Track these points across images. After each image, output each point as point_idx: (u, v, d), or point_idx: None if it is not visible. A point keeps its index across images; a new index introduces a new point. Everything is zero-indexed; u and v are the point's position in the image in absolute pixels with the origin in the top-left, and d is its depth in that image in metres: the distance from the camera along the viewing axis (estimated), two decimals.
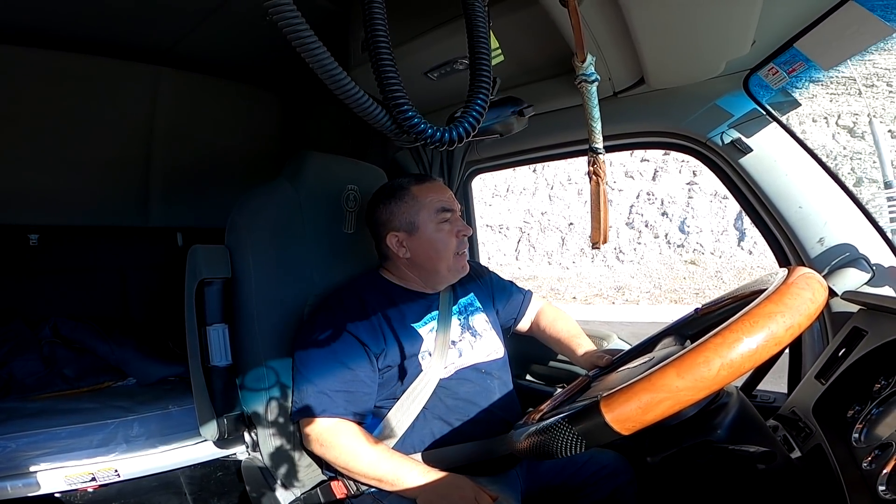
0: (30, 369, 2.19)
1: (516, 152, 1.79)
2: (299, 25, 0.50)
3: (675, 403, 0.59)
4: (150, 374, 2.19)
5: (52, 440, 1.64)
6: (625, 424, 0.62)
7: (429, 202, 1.23)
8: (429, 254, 1.23)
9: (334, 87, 0.54)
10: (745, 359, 0.58)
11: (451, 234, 1.23)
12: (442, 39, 1.16)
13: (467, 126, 0.65)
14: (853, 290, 1.16)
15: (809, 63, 1.09)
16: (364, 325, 1.16)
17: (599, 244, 1.15)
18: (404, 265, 1.27)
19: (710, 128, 1.28)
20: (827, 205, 1.21)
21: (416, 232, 1.22)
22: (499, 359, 1.31)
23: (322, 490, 1.19)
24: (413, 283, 1.28)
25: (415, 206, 1.23)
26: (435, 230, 1.22)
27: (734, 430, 0.78)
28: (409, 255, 1.24)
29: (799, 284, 0.63)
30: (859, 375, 0.95)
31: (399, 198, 1.24)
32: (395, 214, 1.23)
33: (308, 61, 0.52)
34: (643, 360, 0.97)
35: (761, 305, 0.61)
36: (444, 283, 1.29)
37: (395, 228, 1.23)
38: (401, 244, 1.23)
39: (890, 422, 0.78)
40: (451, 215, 1.24)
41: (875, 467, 0.73)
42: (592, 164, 1.09)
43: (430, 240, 1.22)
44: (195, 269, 1.25)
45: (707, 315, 1.02)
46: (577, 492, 1.24)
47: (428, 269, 1.25)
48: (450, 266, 1.24)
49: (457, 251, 1.24)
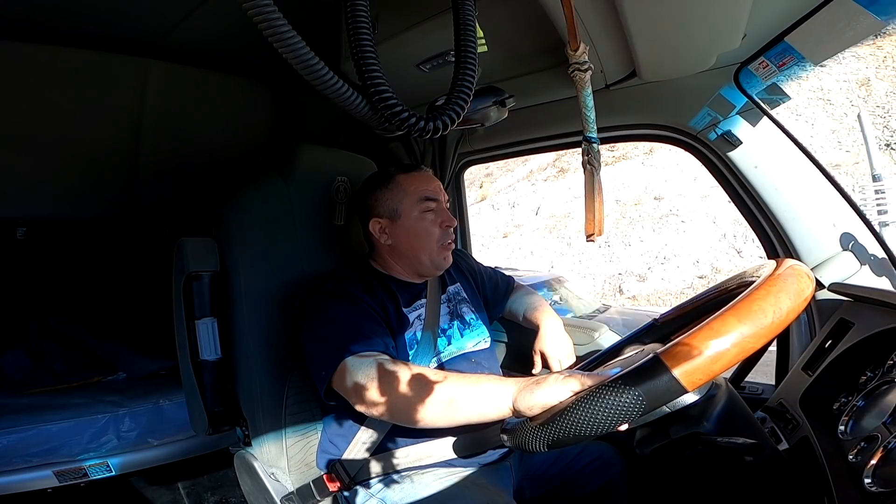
0: (18, 364, 2.18)
1: (509, 143, 1.79)
2: (271, 13, 0.49)
3: (742, 351, 0.58)
4: (140, 369, 2.18)
5: (43, 436, 1.63)
6: (692, 378, 0.58)
7: (413, 190, 1.22)
8: (410, 241, 1.21)
9: (307, 74, 0.54)
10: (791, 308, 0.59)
11: (435, 224, 1.22)
12: (433, 31, 1.15)
13: (452, 114, 0.65)
14: (840, 281, 1.17)
15: (799, 57, 1.10)
16: (367, 296, 1.14)
17: (594, 236, 1.15)
18: (387, 252, 1.25)
19: (701, 121, 1.28)
20: (815, 197, 1.22)
21: (399, 219, 1.21)
22: (486, 348, 1.31)
23: (315, 484, 1.20)
24: (397, 272, 1.26)
25: (399, 193, 1.21)
26: (417, 218, 1.21)
27: (723, 422, 0.79)
28: (391, 241, 1.22)
29: (786, 276, 0.64)
30: (846, 367, 0.97)
31: (384, 185, 1.23)
32: (380, 201, 1.22)
33: (281, 50, 0.52)
34: (613, 366, 0.95)
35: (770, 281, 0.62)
36: (427, 272, 1.27)
37: (379, 215, 1.22)
38: (383, 231, 1.22)
39: (875, 414, 0.80)
40: (435, 205, 1.23)
41: (861, 460, 0.74)
42: (587, 154, 1.09)
43: (412, 228, 1.21)
44: (183, 262, 1.24)
45: (667, 323, 1.00)
46: (570, 483, 1.25)
47: (409, 258, 1.24)
48: (432, 256, 1.22)
49: (440, 242, 1.22)
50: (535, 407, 0.76)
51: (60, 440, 1.64)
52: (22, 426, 1.63)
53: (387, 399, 0.94)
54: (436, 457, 1.12)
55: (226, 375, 1.28)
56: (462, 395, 0.89)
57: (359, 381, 0.96)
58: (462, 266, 1.43)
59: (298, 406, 1.27)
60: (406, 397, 0.92)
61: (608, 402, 0.60)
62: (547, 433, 0.65)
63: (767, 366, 1.34)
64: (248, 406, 1.26)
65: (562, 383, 0.74)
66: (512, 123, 1.34)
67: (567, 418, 0.63)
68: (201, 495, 1.98)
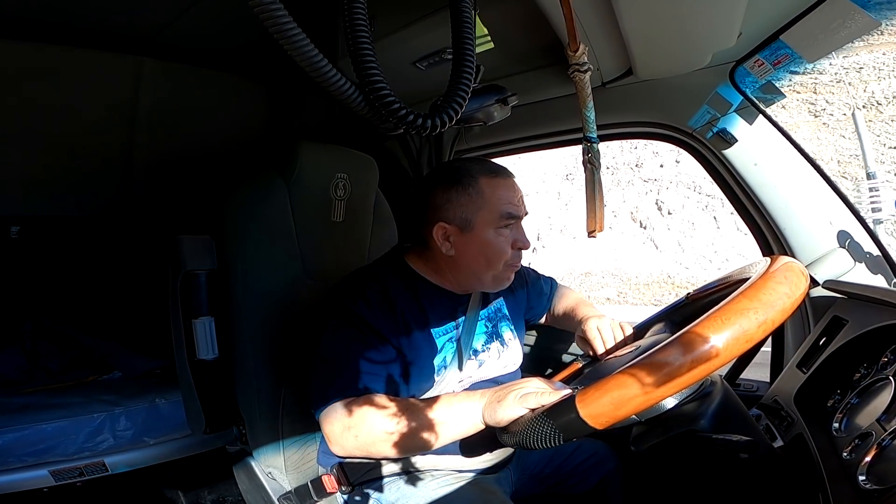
0: (13, 363, 2.16)
1: (505, 141, 1.79)
2: (276, 10, 0.49)
3: (647, 400, 0.61)
4: (136, 367, 2.17)
5: (38, 435, 1.62)
6: (598, 420, 0.63)
7: (496, 201, 1.06)
8: (477, 258, 1.07)
9: (312, 70, 0.53)
10: (713, 358, 0.58)
11: (508, 243, 1.08)
12: (430, 29, 1.14)
13: (451, 112, 0.65)
14: (834, 279, 1.18)
15: (794, 55, 1.10)
16: (388, 319, 1.04)
17: (595, 232, 1.16)
18: (442, 261, 1.11)
19: (700, 119, 1.28)
20: (810, 195, 1.23)
21: (471, 231, 1.06)
22: (515, 371, 1.24)
23: (313, 484, 1.19)
24: (443, 281, 1.14)
25: (478, 201, 1.05)
26: (494, 235, 1.06)
27: (718, 420, 0.79)
28: (454, 252, 1.08)
29: (777, 277, 0.63)
30: (840, 364, 0.97)
31: (463, 186, 1.06)
32: (453, 203, 1.06)
33: (285, 47, 0.51)
34: (631, 348, 0.98)
35: (734, 301, 0.61)
36: (481, 289, 1.16)
37: (447, 219, 1.06)
38: (446, 238, 1.07)
39: (869, 411, 0.80)
40: (515, 222, 1.09)
41: (855, 457, 0.74)
42: (587, 153, 1.10)
43: (484, 244, 1.06)
44: (179, 260, 1.23)
45: (698, 300, 1.02)
46: (566, 480, 1.25)
47: (468, 274, 1.10)
48: (496, 276, 1.10)
49: (510, 262, 1.09)
50: (501, 421, 0.82)
51: (56, 439, 1.63)
52: (17, 425, 1.62)
53: (370, 440, 0.94)
54: (438, 459, 1.12)
55: (223, 375, 1.27)
56: (440, 421, 0.91)
57: (336, 430, 0.96)
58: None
59: (296, 405, 1.27)
60: (388, 436, 0.92)
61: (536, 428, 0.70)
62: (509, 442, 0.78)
63: (764, 367, 1.36)
64: (246, 405, 1.26)
65: (518, 402, 0.81)
66: (509, 121, 1.34)
67: (524, 432, 0.73)
68: (199, 495, 1.98)
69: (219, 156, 2.03)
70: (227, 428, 1.31)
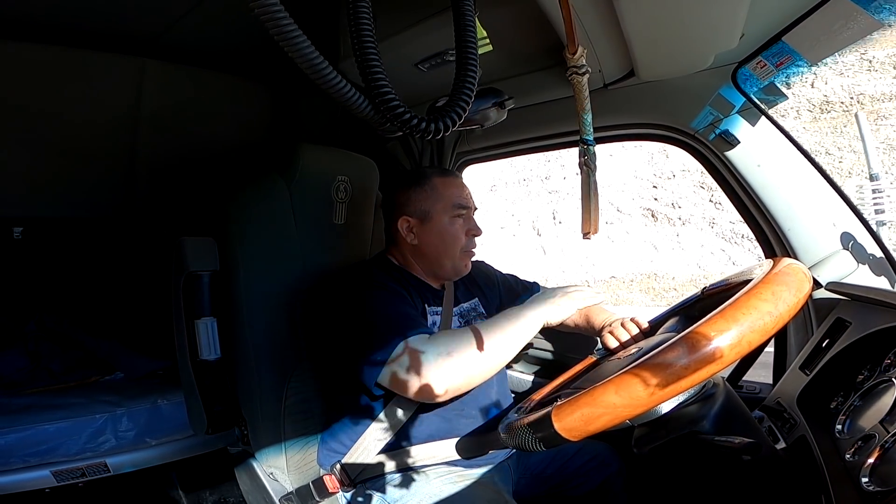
0: (15, 364, 2.17)
1: (507, 143, 1.78)
2: (277, 12, 0.49)
3: (614, 418, 0.61)
4: (138, 368, 2.17)
5: (40, 436, 1.62)
6: (572, 433, 0.65)
7: (448, 195, 1.23)
8: (436, 245, 1.23)
9: (313, 73, 0.53)
10: (717, 360, 0.58)
11: (462, 231, 1.24)
12: (432, 31, 1.15)
13: (454, 116, 0.64)
14: (837, 280, 1.17)
15: (797, 57, 1.10)
16: (400, 288, 1.16)
17: (590, 234, 1.16)
18: (409, 251, 1.26)
19: (703, 120, 1.28)
20: (812, 197, 1.22)
21: (429, 221, 1.22)
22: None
23: (315, 484, 1.19)
24: (416, 271, 1.28)
25: (433, 195, 1.23)
26: (448, 223, 1.23)
27: (720, 422, 0.79)
28: (416, 241, 1.23)
29: (779, 280, 0.63)
30: (843, 366, 0.97)
31: (419, 185, 1.24)
32: (412, 200, 1.23)
33: (286, 49, 0.51)
34: (634, 349, 0.97)
35: (734, 304, 0.61)
36: (445, 276, 1.28)
37: (409, 213, 1.23)
38: (410, 230, 1.23)
39: (872, 413, 0.80)
40: (466, 212, 1.25)
41: (858, 459, 0.74)
42: (583, 156, 1.10)
43: (440, 232, 1.22)
44: (182, 261, 1.24)
45: (713, 296, 1.01)
46: (569, 481, 1.25)
47: (431, 260, 1.25)
48: (454, 262, 1.24)
49: (465, 249, 1.25)
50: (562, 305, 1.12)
51: (58, 440, 1.64)
52: (19, 426, 1.62)
53: (458, 365, 0.99)
54: (439, 457, 1.12)
55: (225, 375, 1.27)
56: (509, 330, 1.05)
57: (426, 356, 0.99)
58: (479, 280, 1.41)
59: (298, 406, 1.27)
60: (476, 355, 1.00)
61: (523, 436, 0.71)
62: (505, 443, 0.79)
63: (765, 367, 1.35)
64: (248, 406, 1.26)
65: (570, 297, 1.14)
66: (510, 123, 1.34)
67: (514, 438, 0.74)
68: (201, 495, 1.98)
69: (221, 158, 2.03)
70: (228, 429, 1.31)
